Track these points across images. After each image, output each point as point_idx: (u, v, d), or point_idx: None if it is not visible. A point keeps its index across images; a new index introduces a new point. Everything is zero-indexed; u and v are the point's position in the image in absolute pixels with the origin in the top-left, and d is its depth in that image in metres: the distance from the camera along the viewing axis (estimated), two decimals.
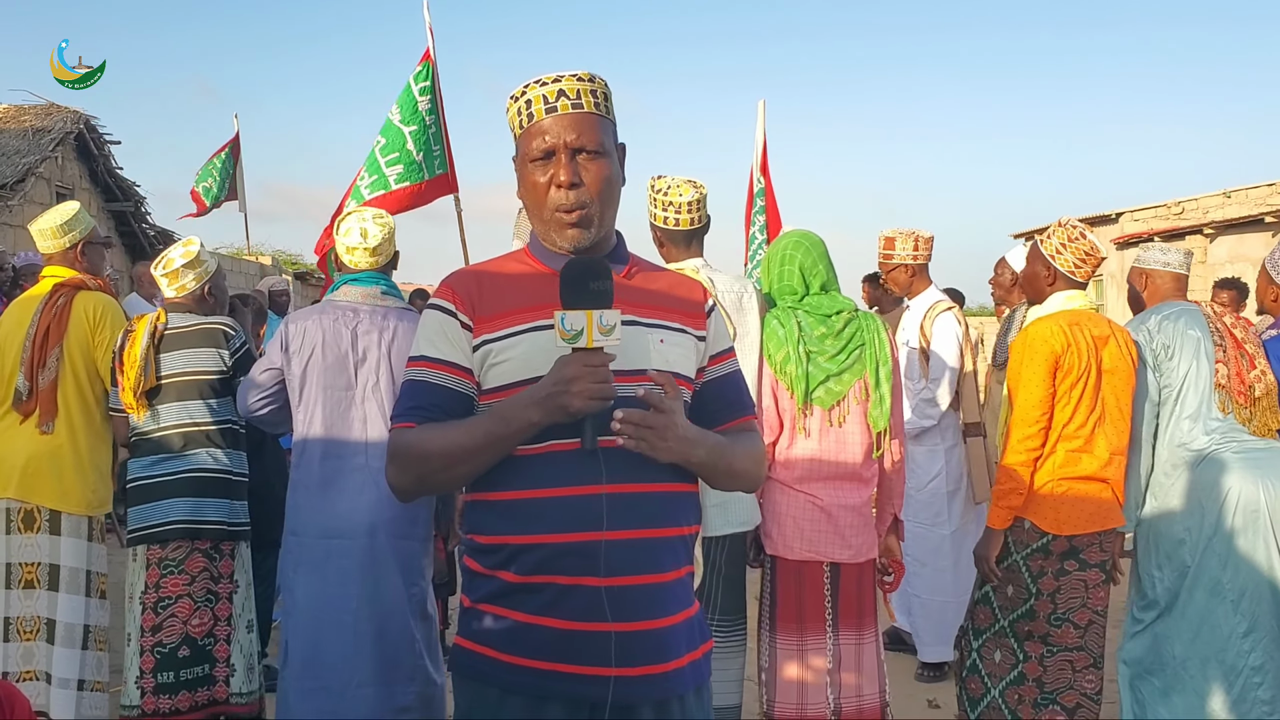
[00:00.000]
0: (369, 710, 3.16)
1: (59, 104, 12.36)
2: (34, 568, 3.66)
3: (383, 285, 3.35)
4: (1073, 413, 3.25)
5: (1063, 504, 3.22)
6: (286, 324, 3.31)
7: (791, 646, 3.12)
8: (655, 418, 1.62)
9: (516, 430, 1.66)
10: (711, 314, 1.90)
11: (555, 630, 1.67)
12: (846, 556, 3.11)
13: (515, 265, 1.85)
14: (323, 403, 3.23)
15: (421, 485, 1.79)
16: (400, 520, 3.21)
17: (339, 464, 3.20)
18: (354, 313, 3.26)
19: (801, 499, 3.11)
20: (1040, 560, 3.24)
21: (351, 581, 3.16)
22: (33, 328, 3.70)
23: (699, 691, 1.80)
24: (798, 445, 3.12)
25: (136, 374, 3.53)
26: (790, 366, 3.09)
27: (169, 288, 3.72)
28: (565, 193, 1.73)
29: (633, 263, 1.88)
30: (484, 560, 1.74)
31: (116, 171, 13.21)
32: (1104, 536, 3.28)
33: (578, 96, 1.75)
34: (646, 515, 1.70)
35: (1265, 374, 3.43)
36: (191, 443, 3.59)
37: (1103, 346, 3.29)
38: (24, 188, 11.16)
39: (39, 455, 3.67)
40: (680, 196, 3.25)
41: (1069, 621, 3.24)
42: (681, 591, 1.78)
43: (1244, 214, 14.21)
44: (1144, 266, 3.70)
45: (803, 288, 3.21)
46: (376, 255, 3.34)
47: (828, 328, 3.13)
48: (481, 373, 1.75)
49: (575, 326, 1.60)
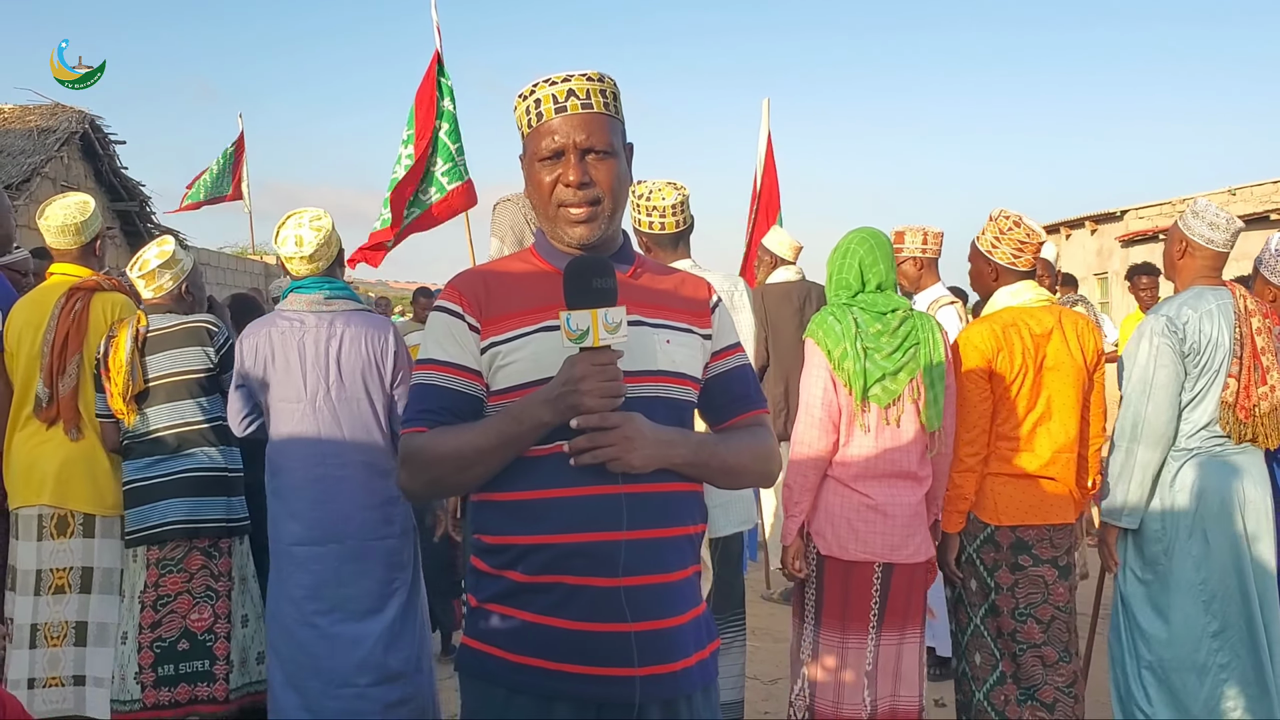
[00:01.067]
0: (355, 710, 3.19)
1: (64, 104, 12.39)
2: (65, 573, 3.63)
3: (326, 290, 3.35)
4: (1008, 414, 3.24)
5: (1000, 494, 3.23)
6: (240, 340, 3.36)
7: (833, 643, 3.11)
8: (611, 429, 1.61)
9: (529, 430, 1.66)
10: (716, 310, 1.89)
11: (565, 630, 1.67)
12: (900, 557, 3.09)
13: (522, 265, 1.84)
14: (277, 415, 3.28)
15: (434, 488, 1.79)
16: (373, 522, 3.26)
17: (300, 474, 3.25)
18: (300, 322, 3.29)
19: (856, 498, 3.08)
20: (991, 553, 3.24)
21: (326, 585, 3.22)
22: (50, 333, 3.64)
23: (706, 690, 1.80)
24: (854, 443, 3.09)
25: (124, 378, 3.53)
26: (848, 363, 3.05)
27: (146, 289, 3.72)
28: (574, 192, 1.73)
29: (639, 262, 1.87)
30: (491, 560, 1.74)
31: (121, 171, 13.24)
32: (1054, 532, 3.25)
33: (587, 96, 1.74)
34: (661, 515, 1.71)
35: (1275, 390, 3.25)
36: (186, 442, 3.59)
37: (1045, 343, 3.24)
38: (29, 187, 11.18)
39: (73, 461, 3.64)
40: (663, 200, 3.23)
41: (1032, 617, 3.23)
42: (690, 591, 1.78)
43: (1250, 211, 14.20)
44: (1187, 234, 3.38)
45: (859, 284, 3.17)
46: (315, 261, 3.35)
47: (883, 325, 3.10)
48: (490, 374, 1.75)
49: (581, 326, 1.60)
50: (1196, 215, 3.38)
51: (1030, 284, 3.34)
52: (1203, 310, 3.28)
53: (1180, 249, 3.41)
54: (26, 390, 3.70)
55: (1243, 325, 3.28)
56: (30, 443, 3.68)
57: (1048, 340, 3.25)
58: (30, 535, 3.63)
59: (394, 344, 3.33)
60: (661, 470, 1.69)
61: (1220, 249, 3.36)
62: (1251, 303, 3.34)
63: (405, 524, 3.36)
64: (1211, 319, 3.27)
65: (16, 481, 3.66)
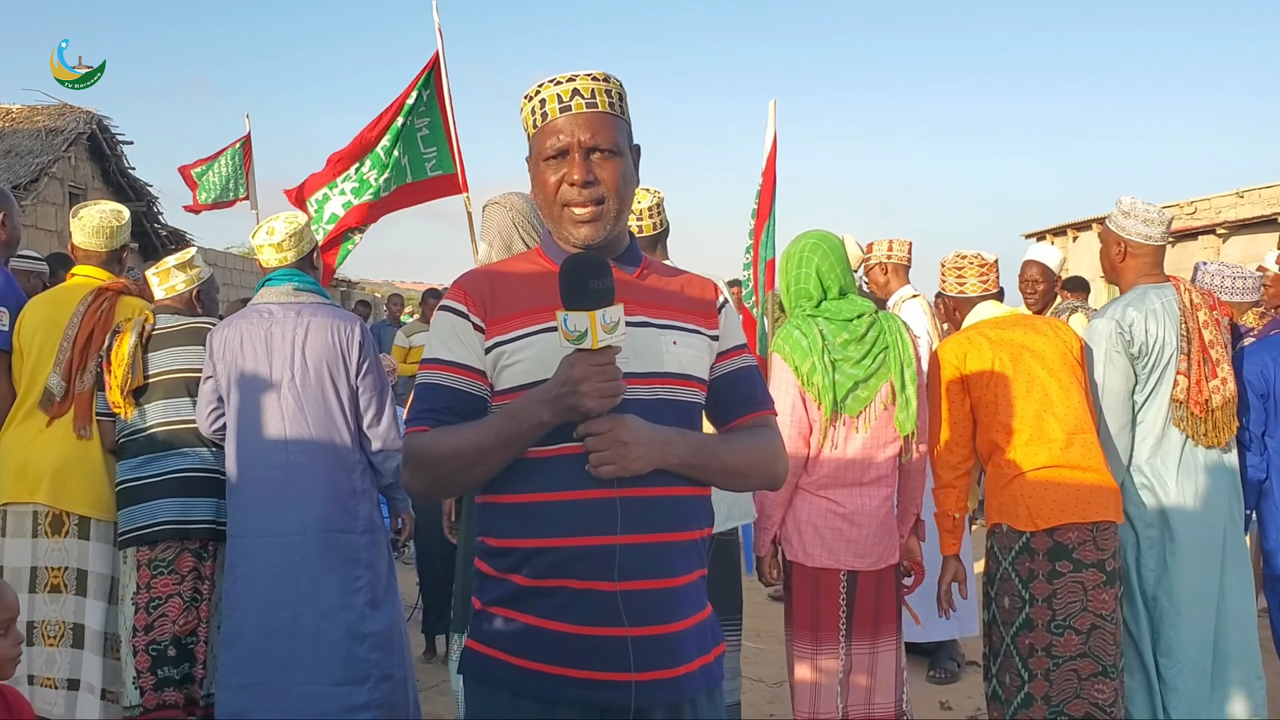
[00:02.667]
0: (317, 710, 3.17)
1: (72, 104, 12.41)
2: (60, 572, 3.59)
3: (295, 282, 3.42)
4: (1005, 407, 3.16)
5: (1031, 496, 3.08)
6: (213, 333, 3.42)
7: (805, 651, 3.09)
8: (602, 432, 1.61)
9: (528, 430, 1.65)
10: (723, 310, 1.88)
11: (568, 635, 1.66)
12: (865, 565, 3.06)
13: (528, 265, 1.84)
14: (244, 405, 3.31)
15: (437, 488, 1.77)
16: (335, 514, 3.27)
17: (264, 463, 3.28)
18: (269, 314, 3.35)
19: (823, 505, 3.05)
20: (1027, 562, 3.08)
21: (286, 579, 3.22)
22: (73, 329, 3.60)
23: (711, 694, 1.79)
24: (824, 452, 3.06)
25: (125, 371, 3.53)
26: (817, 377, 2.99)
27: (158, 287, 3.75)
28: (578, 190, 1.72)
29: (645, 263, 1.86)
30: (496, 563, 1.74)
31: (129, 171, 13.27)
32: (1097, 532, 3.06)
33: (592, 96, 1.73)
34: (660, 519, 1.69)
35: (1226, 383, 3.24)
36: (178, 441, 3.57)
37: (1012, 333, 3.24)
38: (37, 188, 11.21)
39: (70, 460, 3.58)
40: (638, 204, 3.20)
41: (1070, 628, 3.04)
42: (694, 595, 1.76)
43: (1257, 214, 14.15)
44: (1124, 235, 3.36)
45: (819, 292, 3.11)
46: (283, 251, 3.43)
47: (850, 333, 3.04)
48: (495, 374, 1.74)
49: (578, 327, 1.58)
50: (1128, 215, 3.36)
51: (991, 303, 3.42)
52: (1147, 309, 3.26)
53: (1120, 251, 3.39)
54: (30, 387, 3.64)
55: (1189, 320, 3.26)
56: (24, 439, 3.61)
57: (1013, 330, 3.26)
58: (22, 532, 3.58)
59: (359, 335, 3.37)
60: (660, 473, 1.67)
61: (1159, 243, 3.36)
62: (1197, 296, 3.31)
63: (370, 522, 3.35)
64: (1156, 317, 3.25)
65: (7, 477, 3.59)
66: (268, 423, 3.28)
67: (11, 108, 12.54)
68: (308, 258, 3.52)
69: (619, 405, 1.63)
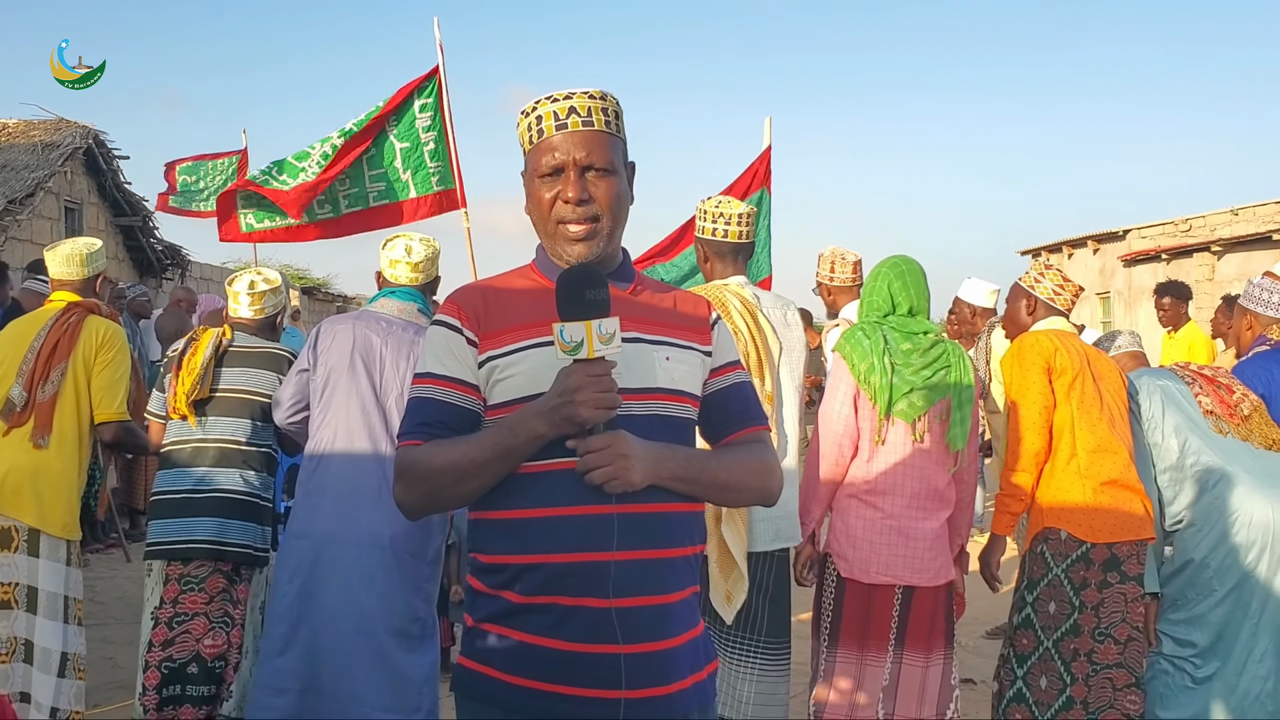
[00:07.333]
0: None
1: (68, 119, 12.42)
2: (11, 588, 3.50)
3: (419, 303, 3.41)
4: (1084, 410, 3.29)
5: (1096, 511, 3.23)
6: (320, 327, 3.36)
7: (851, 661, 3.10)
8: (603, 448, 1.60)
9: (524, 442, 1.64)
10: (716, 327, 1.88)
11: (560, 651, 1.65)
12: (923, 580, 3.10)
13: (521, 281, 1.84)
14: (345, 408, 3.21)
15: (429, 502, 1.76)
16: (414, 537, 3.17)
17: (349, 470, 3.17)
18: (387, 324, 3.32)
19: (877, 519, 3.08)
20: (1082, 570, 3.22)
21: (351, 589, 3.10)
22: (38, 341, 3.60)
23: (704, 710, 1.78)
24: (877, 460, 3.10)
25: (194, 380, 3.56)
26: (875, 377, 3.09)
27: (250, 306, 3.79)
28: (573, 208, 1.73)
29: (639, 280, 1.87)
30: (487, 580, 1.73)
31: (125, 186, 13.26)
32: (1140, 548, 3.27)
33: (589, 114, 1.74)
34: (656, 535, 1.69)
35: (1247, 395, 3.48)
36: (227, 460, 3.58)
37: (1089, 351, 3.42)
38: (33, 202, 11.20)
39: (20, 470, 3.50)
40: (731, 208, 3.34)
41: (1110, 637, 3.21)
42: (687, 612, 1.76)
43: (1252, 231, 14.20)
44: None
45: (889, 306, 3.23)
46: (417, 271, 3.43)
47: (913, 344, 3.15)
48: (488, 388, 1.74)
49: (575, 338, 1.58)
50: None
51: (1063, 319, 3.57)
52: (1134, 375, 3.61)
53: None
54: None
55: (1181, 372, 3.60)
56: None
57: (1087, 351, 3.43)
58: None
59: None
60: (656, 490, 1.67)
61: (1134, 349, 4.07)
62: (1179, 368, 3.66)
63: (438, 554, 3.28)
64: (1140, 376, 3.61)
65: None
66: (361, 432, 3.19)
67: (8, 122, 12.54)
68: (432, 284, 3.53)
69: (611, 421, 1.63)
